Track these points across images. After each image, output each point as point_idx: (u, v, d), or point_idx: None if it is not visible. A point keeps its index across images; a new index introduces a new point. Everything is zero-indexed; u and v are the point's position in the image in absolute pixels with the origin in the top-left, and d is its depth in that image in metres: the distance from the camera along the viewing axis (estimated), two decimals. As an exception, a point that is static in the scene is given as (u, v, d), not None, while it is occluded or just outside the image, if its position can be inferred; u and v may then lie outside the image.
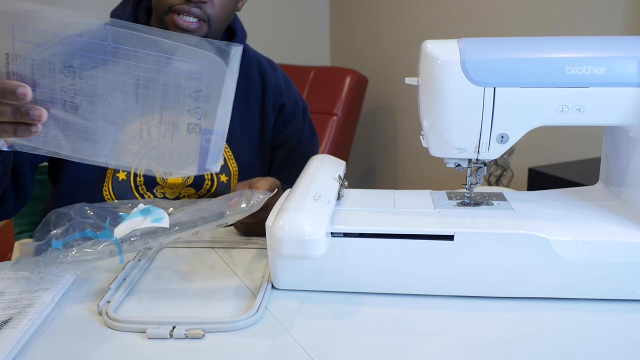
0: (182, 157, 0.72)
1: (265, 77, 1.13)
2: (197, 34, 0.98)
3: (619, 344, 0.60)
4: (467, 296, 0.70)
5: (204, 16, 0.97)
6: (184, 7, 0.95)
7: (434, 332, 0.63)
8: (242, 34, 1.11)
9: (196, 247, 0.87)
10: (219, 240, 0.88)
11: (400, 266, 0.69)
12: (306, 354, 0.58)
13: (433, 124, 0.72)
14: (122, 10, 1.04)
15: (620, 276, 0.67)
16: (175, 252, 0.85)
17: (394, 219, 0.72)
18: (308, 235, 0.64)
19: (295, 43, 2.71)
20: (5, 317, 0.63)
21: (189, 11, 0.95)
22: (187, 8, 0.95)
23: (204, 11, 0.97)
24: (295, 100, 1.17)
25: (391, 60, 2.45)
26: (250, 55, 1.14)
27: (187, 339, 0.61)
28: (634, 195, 0.74)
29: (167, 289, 0.73)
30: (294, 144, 1.15)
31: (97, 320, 0.66)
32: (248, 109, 1.10)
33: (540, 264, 0.67)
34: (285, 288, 0.72)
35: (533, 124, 0.71)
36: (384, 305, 0.69)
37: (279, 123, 1.14)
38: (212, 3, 0.97)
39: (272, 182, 0.91)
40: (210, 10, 0.97)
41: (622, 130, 0.76)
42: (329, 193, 0.74)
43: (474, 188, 0.78)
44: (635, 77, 0.67)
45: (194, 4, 0.95)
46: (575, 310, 0.67)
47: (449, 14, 2.14)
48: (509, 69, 0.68)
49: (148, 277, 0.77)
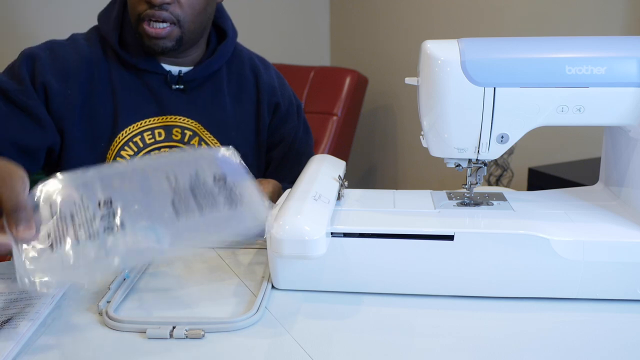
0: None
1: (258, 76, 1.12)
2: (170, 38, 0.97)
3: (619, 343, 0.60)
4: (467, 296, 0.70)
5: (173, 18, 0.96)
6: (148, 12, 0.95)
7: (434, 332, 0.63)
8: (233, 33, 1.11)
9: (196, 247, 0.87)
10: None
11: (400, 266, 0.69)
12: (306, 354, 0.58)
13: (433, 124, 0.72)
14: (109, 14, 1.03)
15: (620, 276, 0.67)
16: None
17: (394, 219, 0.72)
18: (308, 235, 0.63)
19: (295, 43, 2.71)
20: (5, 317, 0.63)
21: (155, 15, 0.95)
22: (152, 13, 0.94)
23: (170, 13, 0.96)
24: (290, 99, 1.16)
25: (391, 60, 2.45)
26: (242, 54, 1.13)
27: (187, 339, 0.61)
28: (634, 195, 0.74)
29: (167, 289, 0.73)
30: (289, 143, 1.15)
31: (97, 320, 0.65)
32: (242, 109, 1.09)
33: (540, 264, 0.67)
34: (285, 288, 0.72)
35: (533, 124, 0.71)
36: (384, 305, 0.69)
37: (274, 123, 1.13)
38: (177, 3, 0.96)
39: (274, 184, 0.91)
40: (177, 11, 0.96)
41: (622, 130, 0.76)
42: (329, 193, 0.74)
43: (474, 188, 0.78)
44: (635, 77, 0.67)
45: (158, 7, 0.94)
46: (575, 310, 0.67)
47: (449, 14, 2.14)
48: (509, 69, 0.68)
49: (148, 277, 0.77)
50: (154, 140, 1.00)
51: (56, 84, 0.96)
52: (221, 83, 1.08)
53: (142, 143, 0.99)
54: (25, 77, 0.96)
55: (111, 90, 1.00)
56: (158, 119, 1.02)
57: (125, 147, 0.99)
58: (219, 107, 1.06)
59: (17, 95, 0.94)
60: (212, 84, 1.07)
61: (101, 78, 1.00)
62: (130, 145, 0.99)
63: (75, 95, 0.98)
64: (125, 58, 1.01)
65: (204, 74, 1.05)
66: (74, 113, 0.97)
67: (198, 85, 1.05)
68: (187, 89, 1.04)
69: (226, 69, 1.09)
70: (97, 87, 0.99)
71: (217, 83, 1.07)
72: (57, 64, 0.98)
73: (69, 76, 0.98)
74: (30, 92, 0.95)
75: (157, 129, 1.01)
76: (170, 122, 1.02)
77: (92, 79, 0.99)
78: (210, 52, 1.08)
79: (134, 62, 1.01)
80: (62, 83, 0.97)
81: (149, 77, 1.02)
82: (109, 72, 1.01)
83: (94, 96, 0.99)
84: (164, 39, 0.97)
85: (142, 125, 1.00)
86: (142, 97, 1.01)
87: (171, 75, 1.03)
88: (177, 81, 1.03)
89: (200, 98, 1.05)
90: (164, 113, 1.02)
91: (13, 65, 0.98)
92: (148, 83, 1.02)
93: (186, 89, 1.04)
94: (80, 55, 1.00)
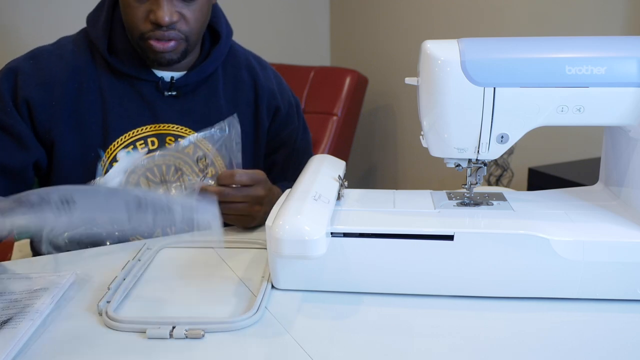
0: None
1: (256, 79, 1.09)
2: (177, 52, 0.95)
3: (619, 343, 0.60)
4: (467, 296, 0.70)
5: (181, 36, 0.94)
6: (156, 33, 0.92)
7: (434, 332, 0.63)
8: (227, 34, 1.07)
9: (196, 246, 0.87)
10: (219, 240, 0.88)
11: (400, 266, 0.69)
12: (306, 354, 0.58)
13: (433, 124, 0.72)
14: (97, 18, 1.00)
15: (620, 276, 0.67)
16: (175, 251, 0.85)
17: (394, 219, 0.72)
18: (308, 235, 0.63)
19: (295, 43, 2.71)
20: (5, 317, 0.63)
21: (164, 36, 0.93)
22: (161, 34, 0.92)
23: (178, 30, 0.94)
24: (289, 101, 1.14)
25: (391, 60, 2.45)
26: (238, 55, 1.10)
27: (186, 339, 0.61)
28: (634, 195, 0.74)
29: (167, 289, 0.73)
30: (291, 145, 1.14)
31: (97, 320, 0.65)
32: (238, 111, 1.04)
33: (540, 264, 0.67)
34: (285, 288, 0.72)
35: (533, 124, 0.71)
36: (384, 305, 0.69)
37: (275, 126, 1.11)
38: (184, 21, 0.94)
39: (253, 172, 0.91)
40: (184, 27, 0.94)
41: (622, 130, 0.76)
42: (329, 193, 0.74)
43: (474, 188, 0.78)
44: (635, 77, 0.67)
45: (167, 28, 0.92)
46: (575, 310, 0.67)
47: (449, 14, 2.14)
48: (509, 69, 0.68)
49: (148, 277, 0.77)
50: (147, 150, 0.98)
51: (40, 96, 0.94)
52: (216, 85, 1.05)
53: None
54: (5, 94, 0.93)
55: (101, 98, 0.97)
56: (150, 127, 0.99)
57: (118, 158, 0.97)
58: (213, 111, 1.04)
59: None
60: (206, 87, 1.04)
61: (90, 86, 0.97)
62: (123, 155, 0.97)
63: (62, 105, 0.95)
64: (115, 65, 0.98)
65: (197, 78, 1.02)
66: (61, 123, 0.95)
67: (191, 90, 1.03)
68: (180, 94, 1.01)
69: (221, 70, 1.07)
70: (86, 96, 0.97)
71: (212, 86, 1.05)
72: (41, 74, 0.95)
73: (54, 86, 0.95)
74: (10, 110, 0.93)
75: (150, 138, 0.99)
76: (163, 130, 1.00)
77: (80, 87, 0.97)
78: (204, 54, 1.05)
79: (125, 70, 0.98)
80: (47, 94, 0.95)
81: (140, 84, 0.99)
82: (98, 79, 0.98)
83: (82, 105, 0.96)
84: (170, 52, 0.95)
85: (134, 134, 0.98)
86: (134, 105, 0.99)
87: (163, 81, 1.00)
88: (169, 87, 1.00)
89: (194, 103, 1.02)
90: (157, 121, 0.99)
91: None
92: (139, 90, 0.99)
93: (179, 95, 1.01)
94: (67, 63, 0.97)
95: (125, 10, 0.94)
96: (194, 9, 0.94)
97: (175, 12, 0.92)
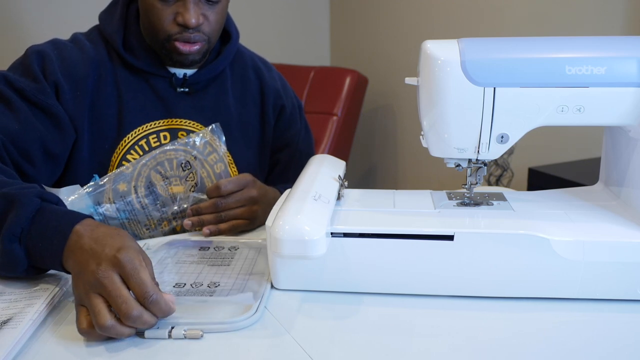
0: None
1: (262, 79, 1.12)
2: (199, 52, 0.98)
3: (619, 344, 0.60)
4: (467, 296, 0.70)
5: (204, 37, 0.97)
6: (184, 35, 0.94)
7: (434, 332, 0.63)
8: (236, 35, 1.10)
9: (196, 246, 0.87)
10: (219, 240, 0.88)
11: (400, 266, 0.69)
12: (306, 354, 0.58)
13: (433, 124, 0.72)
14: (111, 16, 1.02)
15: (620, 276, 0.67)
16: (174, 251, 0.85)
17: (394, 219, 0.72)
18: (308, 235, 0.63)
19: (295, 43, 2.71)
20: (5, 317, 0.63)
21: (191, 38, 0.95)
22: (188, 36, 0.94)
23: (202, 33, 0.96)
24: (292, 102, 1.17)
25: (391, 60, 2.45)
26: (245, 56, 1.13)
27: (185, 339, 0.61)
28: (634, 195, 0.74)
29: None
30: (294, 146, 1.16)
31: (97, 320, 0.65)
32: (246, 110, 1.09)
33: (540, 264, 0.67)
34: (285, 288, 0.72)
35: (533, 124, 0.71)
36: (384, 305, 0.69)
37: (280, 126, 1.14)
38: (208, 22, 0.96)
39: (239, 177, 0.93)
40: (208, 29, 0.97)
41: (622, 130, 0.75)
42: (329, 193, 0.74)
43: (474, 188, 0.78)
44: (635, 77, 0.67)
45: (193, 30, 0.94)
46: (575, 310, 0.67)
47: (449, 14, 2.14)
48: (509, 69, 0.68)
49: (148, 277, 0.77)
50: (159, 144, 1.00)
51: (66, 85, 0.94)
52: (225, 84, 1.08)
53: (147, 146, 0.99)
54: (39, 74, 0.92)
55: (117, 91, 0.99)
56: (163, 121, 1.01)
57: (131, 151, 0.98)
58: (223, 108, 1.06)
59: (35, 95, 0.90)
60: (216, 86, 1.07)
61: (107, 79, 0.99)
62: (136, 148, 0.98)
63: (85, 97, 0.96)
64: (130, 61, 1.00)
65: (209, 76, 1.05)
66: (83, 115, 0.95)
67: (203, 87, 1.05)
68: (192, 91, 1.04)
69: (229, 70, 1.09)
70: (104, 89, 0.98)
71: (222, 84, 1.07)
72: (66, 64, 0.95)
73: (78, 78, 0.96)
74: (47, 90, 0.92)
75: (163, 132, 1.01)
76: (175, 125, 1.02)
77: (99, 80, 0.98)
78: (215, 53, 1.08)
79: (140, 65, 1.00)
80: (72, 84, 0.95)
81: (154, 79, 1.01)
82: (114, 73, 1.00)
83: (101, 98, 0.98)
84: (194, 53, 0.97)
85: (147, 128, 1.00)
86: (148, 100, 1.01)
87: (176, 77, 1.02)
88: (182, 84, 1.03)
89: (205, 100, 1.05)
90: (170, 116, 1.02)
91: (22, 62, 0.94)
92: (153, 85, 1.01)
93: (191, 92, 1.04)
94: (87, 56, 0.98)
95: (149, 12, 0.95)
96: (216, 11, 0.97)
97: (200, 14, 0.94)
